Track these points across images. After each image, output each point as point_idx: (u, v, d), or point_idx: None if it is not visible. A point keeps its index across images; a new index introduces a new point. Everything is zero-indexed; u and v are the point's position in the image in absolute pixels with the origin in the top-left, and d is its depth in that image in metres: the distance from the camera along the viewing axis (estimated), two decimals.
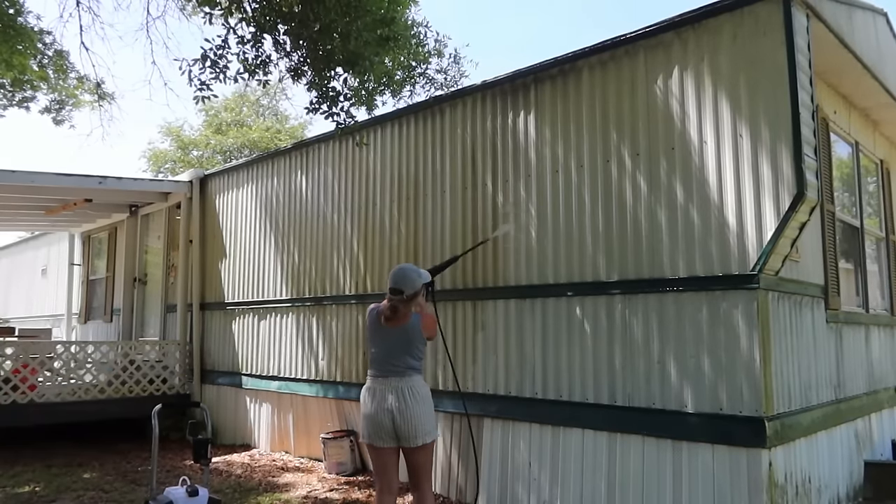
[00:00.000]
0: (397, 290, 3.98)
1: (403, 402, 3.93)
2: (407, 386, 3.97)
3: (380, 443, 3.99)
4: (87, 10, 10.43)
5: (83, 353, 8.50)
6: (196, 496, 4.16)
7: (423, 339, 4.10)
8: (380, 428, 3.96)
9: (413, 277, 4.03)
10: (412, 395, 3.96)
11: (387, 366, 4.04)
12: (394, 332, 4.06)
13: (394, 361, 4.02)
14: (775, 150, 4.23)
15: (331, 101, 6.07)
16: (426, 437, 3.96)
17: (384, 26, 5.74)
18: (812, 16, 4.45)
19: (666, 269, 4.63)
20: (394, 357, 4.03)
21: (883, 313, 6.54)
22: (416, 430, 3.92)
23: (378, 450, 4.02)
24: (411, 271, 4.08)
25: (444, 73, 6.23)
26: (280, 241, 7.99)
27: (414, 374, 4.03)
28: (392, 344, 4.05)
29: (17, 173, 8.08)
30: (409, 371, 4.02)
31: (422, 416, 3.94)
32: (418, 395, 3.97)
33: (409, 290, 3.99)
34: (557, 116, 5.37)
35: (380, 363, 4.08)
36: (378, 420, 3.96)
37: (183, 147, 26.74)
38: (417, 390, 3.99)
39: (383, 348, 4.08)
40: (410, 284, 4.00)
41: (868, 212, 6.46)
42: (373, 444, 4.02)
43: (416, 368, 4.07)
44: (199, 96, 5.99)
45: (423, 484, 4.08)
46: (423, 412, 3.96)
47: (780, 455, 4.25)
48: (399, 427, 3.92)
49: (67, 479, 6.47)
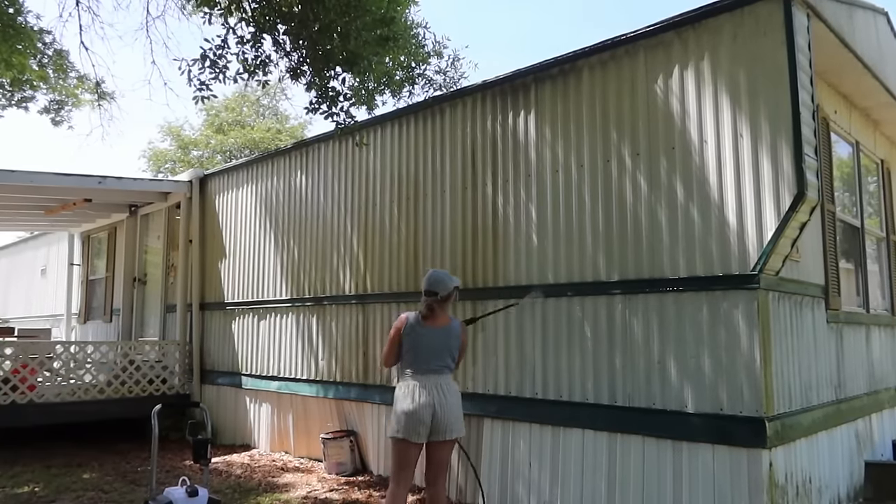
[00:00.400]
0: (432, 292, 4.32)
1: (444, 397, 4.21)
2: (445, 383, 4.27)
3: (415, 438, 4.17)
4: (86, 9, 10.41)
5: (83, 353, 8.49)
6: (196, 496, 4.15)
7: (459, 343, 4.42)
8: (419, 423, 4.15)
9: (445, 280, 4.38)
10: (450, 391, 4.26)
11: (428, 364, 4.28)
12: (435, 333, 4.32)
13: (435, 360, 4.29)
14: (776, 150, 4.23)
15: (330, 100, 6.06)
16: (460, 431, 4.29)
17: (384, 26, 5.73)
18: (812, 15, 4.44)
19: (666, 269, 4.62)
20: (434, 356, 4.29)
21: (883, 313, 6.54)
22: (452, 424, 4.21)
23: (409, 445, 4.20)
24: (443, 275, 4.44)
25: (443, 73, 6.23)
26: (280, 240, 7.99)
27: (449, 373, 4.36)
28: (434, 344, 4.31)
29: (16, 173, 8.07)
30: (446, 370, 4.32)
31: (458, 411, 4.26)
32: (454, 392, 4.30)
33: (443, 291, 4.32)
34: (557, 116, 5.36)
35: (421, 362, 4.29)
36: (419, 415, 4.15)
37: (183, 147, 26.74)
38: (453, 387, 4.32)
39: (424, 348, 4.30)
40: (443, 286, 4.33)
41: (868, 212, 6.46)
42: (407, 440, 4.18)
43: (451, 369, 4.39)
44: (198, 96, 5.98)
45: (440, 479, 4.34)
46: (459, 408, 4.29)
47: (780, 455, 4.24)
48: (439, 421, 4.17)
49: (67, 480, 6.46)
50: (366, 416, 6.70)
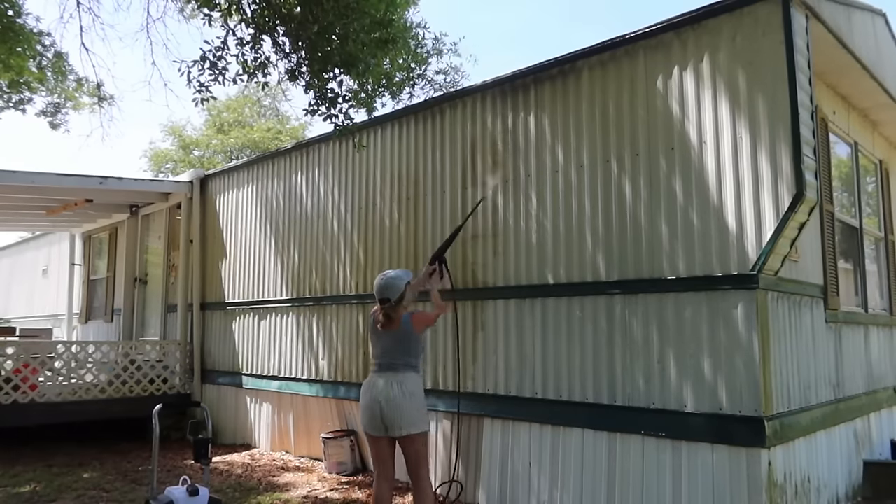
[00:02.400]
0: (385, 300, 4.35)
1: (391, 393, 4.24)
2: (397, 380, 4.29)
3: (373, 432, 4.32)
4: (87, 10, 10.43)
5: (84, 352, 8.51)
6: (196, 496, 4.17)
7: (416, 336, 4.43)
8: (372, 417, 4.29)
9: (394, 283, 4.37)
10: (400, 388, 4.26)
11: (382, 363, 4.41)
12: (390, 335, 4.41)
13: (389, 359, 4.37)
14: (774, 150, 4.24)
15: (329, 102, 6.07)
16: (410, 429, 4.24)
17: (382, 28, 5.74)
18: (811, 16, 4.46)
19: (665, 269, 4.63)
20: (389, 355, 4.38)
21: (882, 313, 6.55)
22: (400, 419, 4.22)
23: (373, 439, 4.37)
24: (391, 279, 4.41)
25: (443, 73, 6.24)
26: (280, 241, 8.00)
27: (408, 370, 4.36)
28: (387, 344, 4.41)
29: (17, 173, 8.09)
30: (404, 367, 4.35)
31: (406, 408, 4.23)
32: (406, 389, 4.27)
33: (394, 294, 4.34)
34: (557, 116, 5.38)
35: (378, 361, 4.45)
36: (370, 409, 4.30)
37: (184, 147, 26.77)
38: (407, 385, 4.29)
39: (381, 349, 4.45)
40: (394, 290, 4.35)
41: (867, 212, 6.47)
42: (368, 433, 4.38)
43: (412, 365, 4.39)
44: (198, 98, 6.00)
45: (418, 473, 4.36)
46: (409, 405, 4.25)
47: (779, 455, 4.26)
48: (386, 417, 4.23)
49: (68, 479, 6.48)
50: None
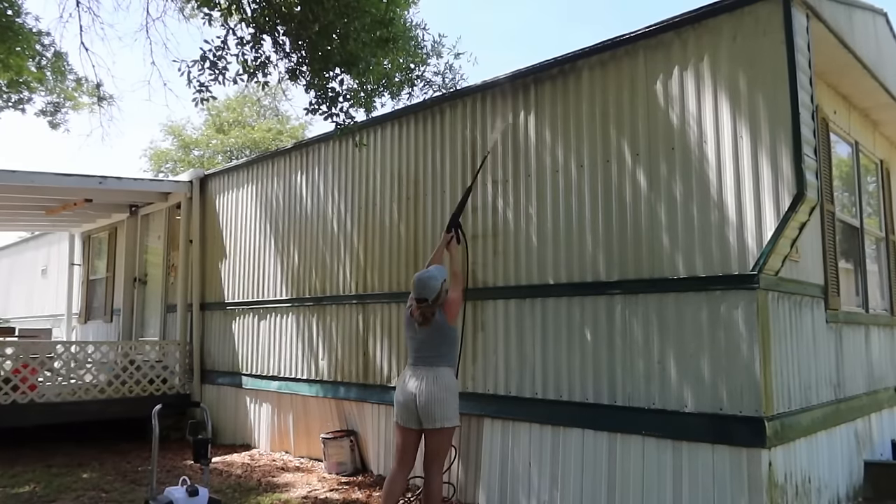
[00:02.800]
0: (422, 299, 4.44)
1: (426, 386, 4.34)
2: (433, 374, 4.39)
3: (405, 423, 4.44)
4: (86, 10, 10.41)
5: (83, 353, 8.50)
6: (196, 496, 4.16)
7: (451, 329, 4.54)
8: (406, 409, 4.41)
9: (432, 284, 4.45)
10: (436, 381, 4.36)
11: (418, 356, 4.51)
12: (424, 330, 4.50)
13: (425, 353, 4.48)
14: (775, 150, 4.23)
15: (330, 101, 6.06)
16: (444, 422, 4.34)
17: (383, 27, 5.72)
18: (812, 16, 4.45)
19: (666, 269, 4.63)
20: (425, 348, 4.49)
21: (883, 313, 6.54)
22: (435, 412, 4.31)
23: (404, 430, 4.49)
24: (429, 279, 4.48)
25: (441, 75, 6.20)
26: (280, 241, 7.99)
27: (443, 364, 4.46)
28: (424, 339, 4.51)
29: (17, 173, 8.08)
30: (439, 361, 4.45)
31: (441, 402, 4.33)
32: (441, 383, 4.38)
33: (432, 294, 4.43)
34: (557, 116, 5.37)
35: (414, 355, 4.56)
36: (405, 402, 4.41)
37: (184, 146, 26.76)
38: (441, 379, 4.39)
39: (417, 342, 4.54)
40: (431, 290, 4.44)
41: (868, 212, 6.46)
42: (399, 424, 4.50)
43: (447, 357, 4.51)
44: (198, 98, 5.98)
45: (433, 466, 4.46)
46: (444, 398, 4.34)
47: (779, 455, 4.25)
48: (421, 409, 4.32)
49: (67, 479, 6.47)
50: (366, 415, 6.71)
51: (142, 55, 42.31)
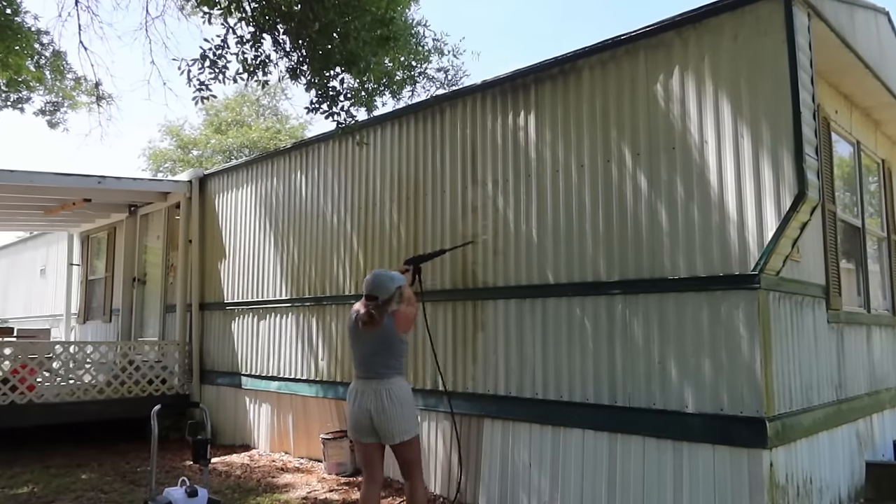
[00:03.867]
0: (372, 297, 4.26)
1: (381, 404, 4.17)
2: (385, 388, 4.20)
3: (362, 438, 4.30)
4: (85, 9, 10.40)
5: (82, 353, 8.49)
6: (195, 497, 4.16)
7: (399, 338, 4.30)
8: (360, 426, 4.26)
9: (386, 283, 4.29)
10: (389, 397, 4.19)
11: (367, 368, 4.30)
12: (371, 336, 4.29)
13: (374, 364, 4.27)
14: (776, 150, 4.22)
15: (331, 100, 6.05)
16: (403, 436, 4.21)
17: (383, 26, 5.72)
18: (813, 15, 4.43)
19: (666, 269, 4.61)
20: (373, 360, 4.27)
21: (884, 313, 6.53)
22: (393, 429, 4.18)
23: (360, 444, 4.35)
24: (384, 278, 4.33)
25: (444, 71, 6.20)
26: (280, 241, 7.98)
27: (393, 374, 4.26)
28: (370, 347, 4.30)
29: (15, 173, 8.07)
30: (389, 372, 4.25)
31: (398, 417, 4.18)
32: (395, 397, 4.20)
33: (384, 294, 4.25)
34: (558, 116, 5.35)
35: (361, 366, 4.35)
36: (358, 419, 4.26)
37: (183, 146, 26.74)
38: (395, 392, 4.21)
39: (362, 351, 4.35)
40: (384, 290, 4.26)
41: (869, 211, 6.45)
42: (357, 440, 4.36)
43: (396, 368, 4.29)
44: (198, 97, 5.97)
45: (412, 474, 4.36)
46: (400, 413, 4.19)
47: (781, 455, 4.24)
48: (377, 426, 4.20)
49: (66, 480, 6.46)
50: None
51: (141, 54, 42.27)
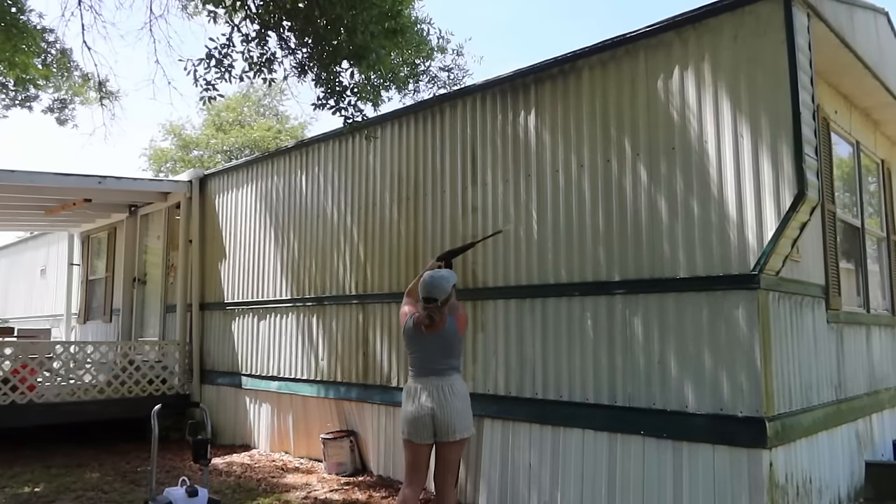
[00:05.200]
0: (431, 299, 4.17)
1: (444, 398, 4.13)
2: (447, 384, 4.17)
3: (419, 440, 4.18)
4: (88, 8, 10.39)
5: (82, 353, 8.49)
6: (195, 496, 4.16)
7: (460, 338, 4.30)
8: (420, 426, 4.14)
9: (443, 285, 4.21)
10: (451, 392, 4.16)
11: (427, 368, 4.24)
12: (433, 338, 4.23)
13: (434, 364, 4.22)
14: (776, 150, 4.22)
15: (338, 95, 6.01)
16: (463, 433, 4.16)
17: (391, 19, 5.68)
18: (813, 15, 4.44)
19: (666, 269, 4.62)
20: (434, 360, 4.22)
21: (884, 313, 6.53)
22: (455, 425, 4.12)
23: (415, 446, 4.21)
24: (441, 279, 4.24)
25: (447, 70, 6.21)
26: (280, 240, 7.98)
27: (454, 373, 4.25)
28: (432, 349, 4.24)
29: (16, 173, 8.07)
30: (450, 371, 4.22)
31: (460, 413, 4.15)
32: (457, 393, 4.18)
33: (442, 295, 4.18)
34: (557, 116, 5.36)
35: (421, 366, 4.28)
36: (419, 418, 4.15)
37: (184, 146, 26.73)
38: (456, 388, 4.19)
39: (424, 353, 4.27)
40: (442, 291, 4.19)
41: (869, 212, 6.45)
42: (412, 441, 4.21)
43: (456, 368, 4.27)
44: (205, 97, 5.97)
45: (448, 478, 4.27)
46: (462, 409, 4.17)
47: (780, 455, 4.24)
48: (439, 423, 4.11)
49: (67, 480, 6.46)
50: (366, 416, 6.69)
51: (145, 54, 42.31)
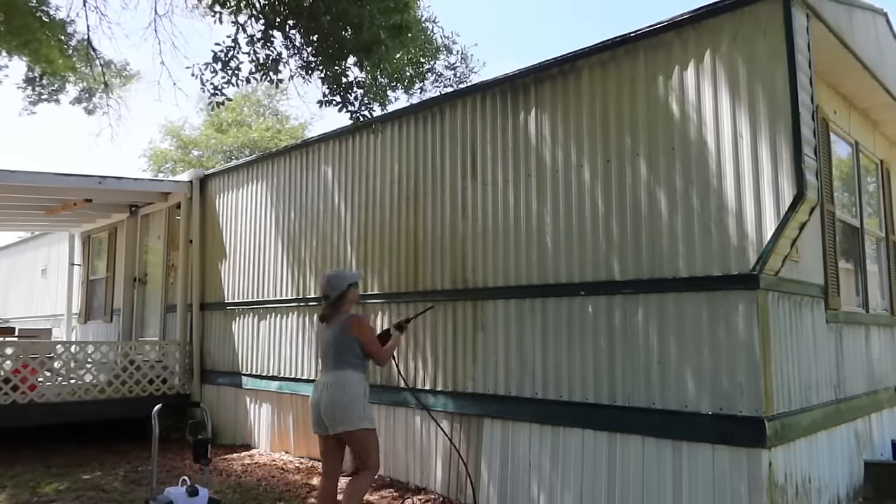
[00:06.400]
0: (324, 295, 4.63)
1: (327, 393, 4.41)
2: (335, 379, 4.43)
3: (315, 430, 4.55)
4: (94, 9, 10.36)
5: (83, 353, 8.50)
6: (196, 496, 4.16)
7: (353, 337, 4.48)
8: (314, 416, 4.50)
9: (335, 282, 4.61)
10: (336, 386, 4.40)
11: (323, 361, 4.61)
12: (327, 332, 4.59)
13: (328, 357, 4.55)
14: (775, 150, 4.23)
15: (344, 90, 5.99)
16: (346, 426, 4.36)
17: (397, 14, 5.65)
18: (812, 16, 4.45)
19: (666, 269, 4.62)
20: (328, 353, 4.55)
21: (883, 313, 6.54)
22: (337, 417, 4.36)
23: (319, 437, 4.57)
24: (334, 277, 4.67)
25: (452, 69, 6.21)
26: (280, 240, 7.99)
27: (347, 368, 4.44)
28: (327, 342, 4.58)
29: (17, 173, 8.08)
30: (342, 365, 4.47)
31: (345, 406, 4.36)
32: (342, 387, 4.40)
33: (333, 292, 4.57)
34: (557, 116, 5.37)
35: (320, 360, 4.66)
36: (312, 409, 4.53)
37: (183, 146, 26.74)
38: (343, 383, 4.41)
39: (321, 346, 4.65)
40: (333, 288, 4.59)
41: (868, 212, 6.46)
42: (314, 431, 4.58)
43: (350, 363, 4.47)
44: (213, 101, 5.98)
45: (358, 464, 4.54)
46: (344, 403, 4.37)
47: (780, 455, 4.25)
48: (325, 415, 4.40)
49: (67, 479, 6.47)
50: None
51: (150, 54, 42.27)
